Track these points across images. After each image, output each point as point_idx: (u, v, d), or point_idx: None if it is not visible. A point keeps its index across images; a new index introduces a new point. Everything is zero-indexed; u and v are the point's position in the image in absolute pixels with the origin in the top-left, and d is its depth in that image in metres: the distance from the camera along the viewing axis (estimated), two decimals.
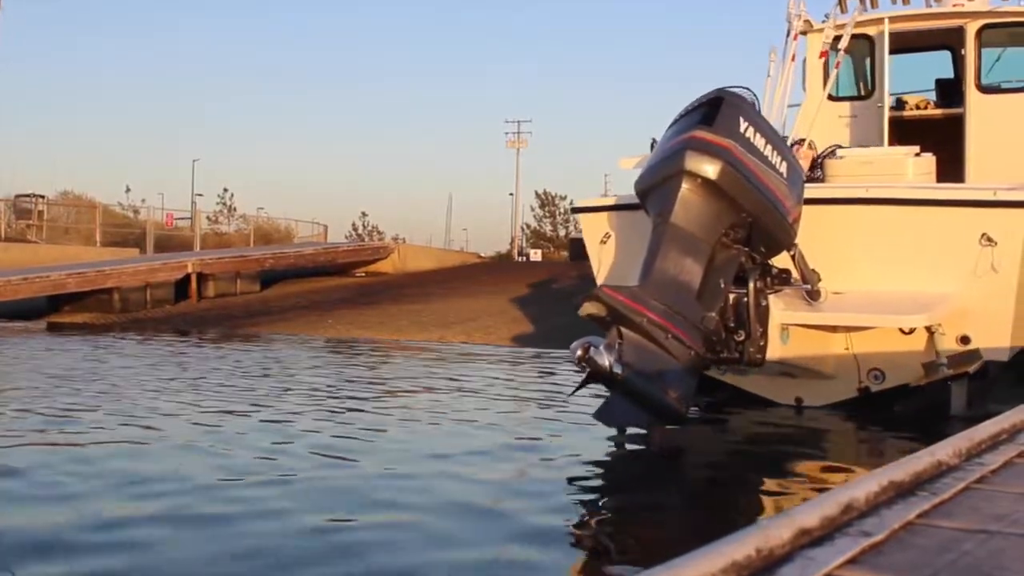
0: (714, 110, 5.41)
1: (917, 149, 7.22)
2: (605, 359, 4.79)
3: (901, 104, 8.71)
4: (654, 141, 6.04)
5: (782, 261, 5.87)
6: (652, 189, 5.53)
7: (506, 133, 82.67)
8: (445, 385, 8.43)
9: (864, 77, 8.91)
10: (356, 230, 63.77)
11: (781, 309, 5.81)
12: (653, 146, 5.99)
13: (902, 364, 6.27)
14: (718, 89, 5.61)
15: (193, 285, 19.40)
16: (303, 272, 23.07)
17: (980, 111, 8.17)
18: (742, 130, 5.38)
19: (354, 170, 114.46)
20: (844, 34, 7.98)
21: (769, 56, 7.81)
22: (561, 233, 64.83)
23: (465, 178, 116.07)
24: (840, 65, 8.24)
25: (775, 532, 1.63)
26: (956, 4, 8.36)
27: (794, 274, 5.88)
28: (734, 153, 5.30)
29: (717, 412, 6.81)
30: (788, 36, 7.97)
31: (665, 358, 4.95)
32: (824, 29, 8.19)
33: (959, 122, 8.26)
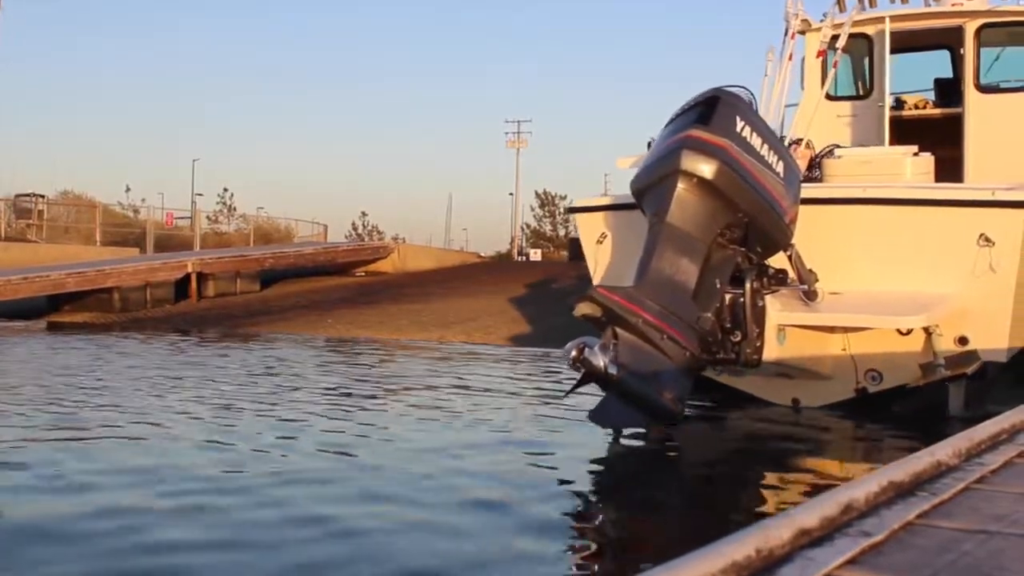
0: (710, 109, 5.39)
1: (916, 149, 7.20)
2: (600, 360, 4.78)
3: (900, 104, 8.69)
4: (651, 142, 6.01)
5: (779, 261, 5.85)
6: (648, 188, 5.51)
7: (506, 133, 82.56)
8: (447, 383, 8.44)
9: (862, 76, 8.88)
10: (356, 230, 63.84)
11: (778, 310, 5.78)
12: (650, 147, 5.96)
13: (900, 365, 6.25)
14: (714, 88, 5.59)
15: (193, 285, 19.39)
16: (303, 272, 23.07)
17: (979, 111, 8.14)
18: (738, 129, 5.35)
19: (354, 170, 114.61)
20: (842, 33, 7.96)
21: (767, 55, 7.79)
22: (561, 233, 64.83)
23: (465, 178, 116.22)
24: (838, 64, 8.22)
25: (775, 532, 1.64)
26: (955, 3, 8.34)
27: (791, 274, 5.86)
28: (730, 152, 5.28)
29: (716, 412, 6.79)
30: (786, 35, 7.94)
31: (660, 359, 4.93)
32: (822, 28, 8.17)
33: (958, 122, 8.23)
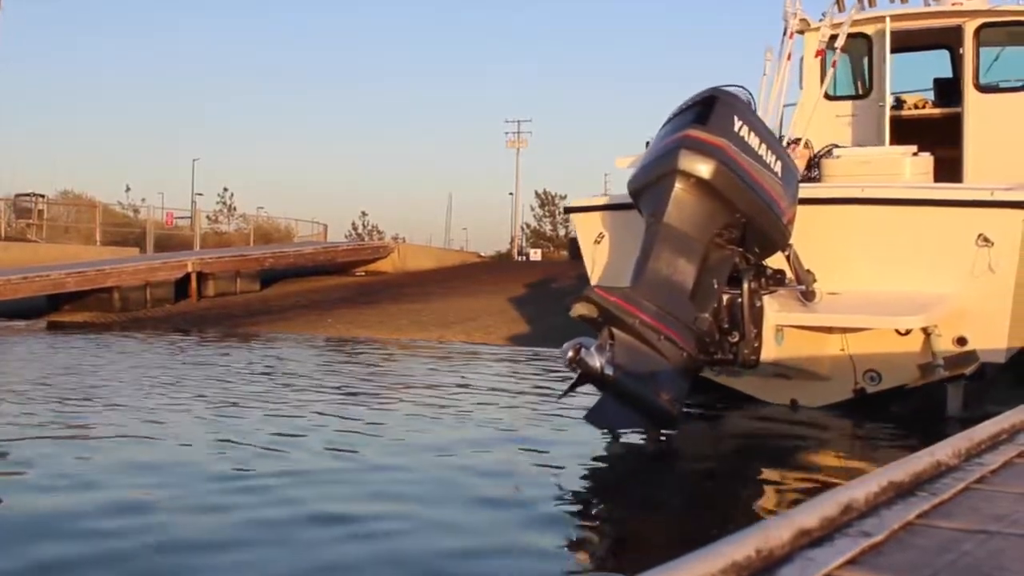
0: (708, 109, 5.36)
1: (915, 149, 7.18)
2: (596, 360, 4.76)
3: (899, 103, 8.67)
4: (650, 143, 5.99)
5: (777, 262, 5.83)
6: (645, 188, 5.48)
7: (506, 133, 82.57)
8: (449, 382, 8.49)
9: (861, 76, 8.86)
10: (356, 229, 63.80)
11: (776, 310, 5.76)
12: (648, 147, 5.94)
13: (898, 365, 6.23)
14: (712, 88, 5.56)
15: (193, 284, 19.39)
16: (303, 271, 23.08)
17: (978, 110, 8.12)
18: (736, 129, 5.33)
19: (354, 170, 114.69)
20: (840, 32, 7.94)
21: (765, 55, 7.76)
22: (561, 233, 64.77)
23: (465, 178, 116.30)
24: (837, 64, 8.20)
25: (775, 533, 1.64)
26: (955, 3, 8.32)
27: (789, 275, 5.83)
28: (728, 152, 5.25)
29: (716, 412, 6.78)
30: (784, 35, 7.92)
31: (657, 360, 4.91)
32: (821, 28, 8.15)
33: (957, 121, 8.21)
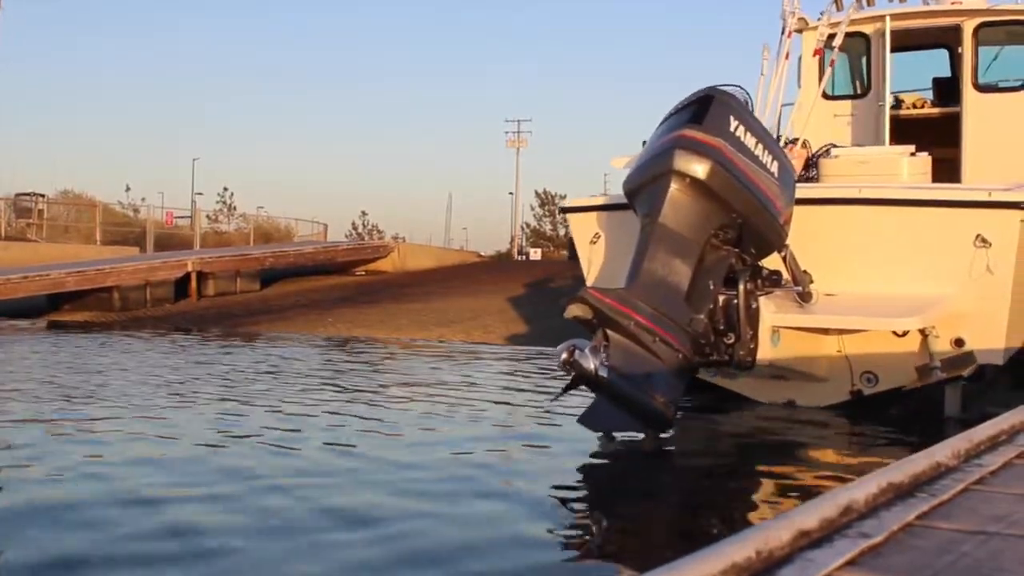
0: (704, 108, 5.33)
1: (913, 148, 7.15)
2: (590, 362, 4.73)
3: (898, 103, 8.65)
4: (645, 143, 5.96)
5: (773, 262, 5.80)
6: (641, 188, 5.46)
7: (506, 133, 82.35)
8: (452, 381, 8.52)
9: (860, 75, 8.83)
10: (356, 229, 63.89)
11: (772, 311, 5.72)
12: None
13: (895, 367, 6.20)
14: (709, 87, 5.53)
15: (193, 284, 19.41)
16: (303, 271, 23.09)
17: (977, 110, 8.09)
18: (732, 129, 5.30)
19: (354, 170, 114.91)
20: (838, 32, 7.91)
21: (762, 54, 7.73)
22: (561, 232, 64.76)
23: (465, 178, 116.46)
24: (835, 63, 8.16)
25: (774, 534, 1.64)
26: (953, 2, 8.29)
27: (785, 276, 5.80)
28: (724, 152, 5.23)
29: (716, 412, 6.75)
30: (783, 34, 7.89)
31: (652, 361, 4.88)
32: (818, 27, 8.12)
33: (956, 121, 8.18)
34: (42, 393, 7.37)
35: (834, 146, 7.39)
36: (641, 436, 5.22)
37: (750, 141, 5.38)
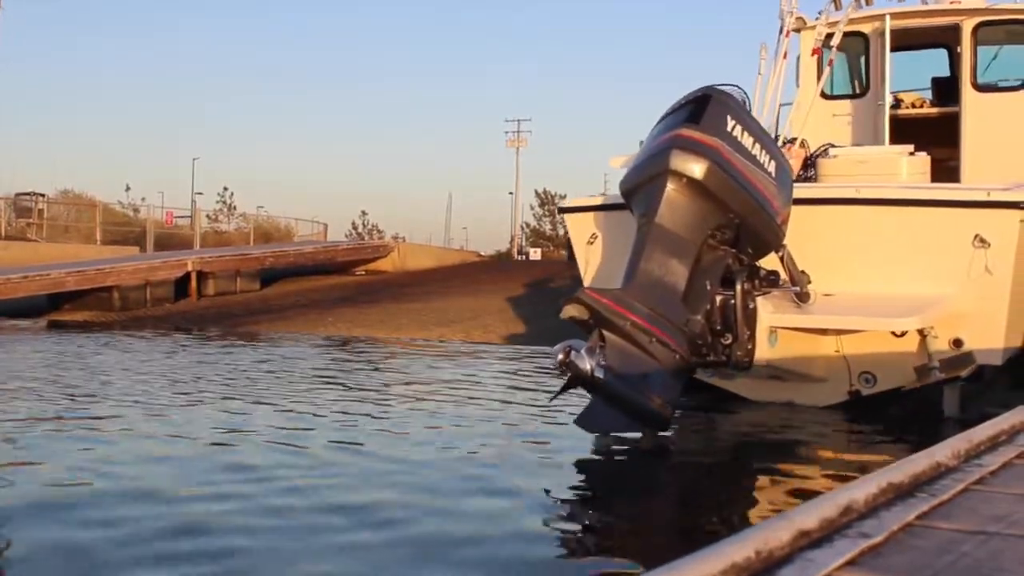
0: (701, 108, 5.31)
1: (911, 148, 7.13)
2: (587, 363, 4.72)
3: (897, 102, 8.62)
4: (643, 143, 5.95)
5: (771, 262, 5.78)
6: (637, 189, 5.44)
7: (506, 132, 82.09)
8: (451, 379, 8.54)
9: (858, 75, 8.82)
10: (356, 229, 63.88)
11: (769, 311, 5.70)
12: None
13: (894, 367, 6.18)
14: (706, 86, 5.51)
15: (193, 283, 19.40)
16: (303, 270, 23.08)
17: (976, 110, 8.08)
18: (729, 128, 5.28)
19: (354, 170, 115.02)
20: (837, 31, 7.89)
21: (760, 53, 7.70)
22: (560, 232, 64.61)
23: (465, 177, 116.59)
24: (833, 63, 8.14)
25: (774, 534, 1.65)
26: (953, 1, 8.27)
27: (783, 276, 5.78)
28: (721, 152, 5.21)
29: (716, 412, 6.74)
30: (781, 33, 7.87)
31: (649, 362, 4.87)
32: (817, 26, 8.10)
33: (955, 121, 8.16)
34: (47, 392, 7.40)
35: (832, 146, 7.37)
36: (639, 435, 5.22)
37: (747, 141, 5.37)
